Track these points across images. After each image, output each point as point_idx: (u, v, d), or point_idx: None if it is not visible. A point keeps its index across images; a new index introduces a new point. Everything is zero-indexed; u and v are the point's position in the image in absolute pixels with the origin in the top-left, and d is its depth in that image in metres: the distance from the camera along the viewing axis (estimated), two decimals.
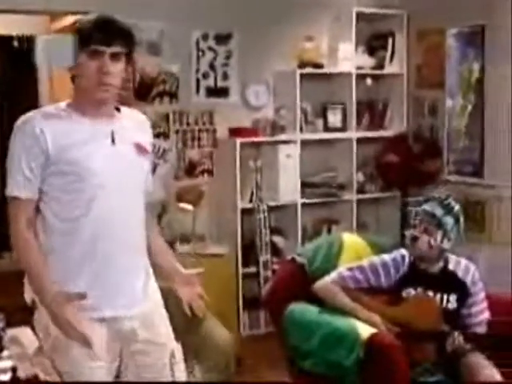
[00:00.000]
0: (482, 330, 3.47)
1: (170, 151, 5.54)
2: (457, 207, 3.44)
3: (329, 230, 5.99)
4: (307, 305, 3.69)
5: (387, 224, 6.13)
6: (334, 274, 3.60)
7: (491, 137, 5.26)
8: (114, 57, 2.43)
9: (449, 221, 3.40)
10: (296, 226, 5.76)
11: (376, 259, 3.58)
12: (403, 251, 3.56)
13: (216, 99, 5.70)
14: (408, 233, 3.48)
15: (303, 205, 5.77)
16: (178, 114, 5.56)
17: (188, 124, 5.60)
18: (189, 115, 5.60)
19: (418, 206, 3.46)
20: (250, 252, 5.59)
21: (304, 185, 5.80)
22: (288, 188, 5.70)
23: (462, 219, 3.45)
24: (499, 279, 4.39)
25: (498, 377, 3.28)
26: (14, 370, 2.63)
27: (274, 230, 5.75)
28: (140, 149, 2.58)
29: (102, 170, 2.45)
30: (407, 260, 3.51)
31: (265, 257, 5.55)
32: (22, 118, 2.46)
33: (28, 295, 2.62)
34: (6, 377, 2.60)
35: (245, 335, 5.45)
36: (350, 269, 3.57)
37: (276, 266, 5.34)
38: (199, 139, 5.64)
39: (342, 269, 3.62)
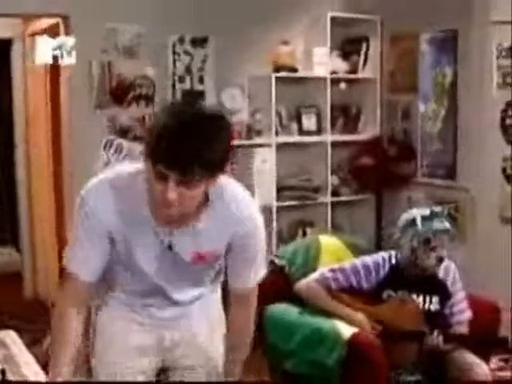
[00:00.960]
0: (463, 329, 3.54)
1: None
2: (446, 212, 3.59)
3: (304, 233, 6.03)
4: (288, 306, 3.74)
5: (361, 226, 6.19)
6: (315, 275, 3.65)
7: (464, 140, 5.35)
8: (186, 183, 1.96)
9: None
10: (271, 229, 5.80)
11: (357, 261, 3.63)
12: (384, 254, 3.63)
13: None
14: (432, 255, 3.48)
15: (278, 208, 5.81)
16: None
17: None
18: None
19: (426, 223, 3.49)
20: None
21: (279, 188, 5.84)
22: (263, 191, 5.73)
23: None
24: (473, 280, 4.46)
25: (488, 372, 3.35)
26: (3, 372, 2.64)
27: None
28: (202, 260, 2.24)
29: (155, 271, 2.24)
30: (388, 263, 3.57)
31: None
32: (89, 187, 2.17)
33: None
34: None
35: None
36: (332, 270, 3.62)
37: None
38: None
39: (324, 269, 3.67)
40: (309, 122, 6.01)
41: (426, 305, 3.51)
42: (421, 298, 3.51)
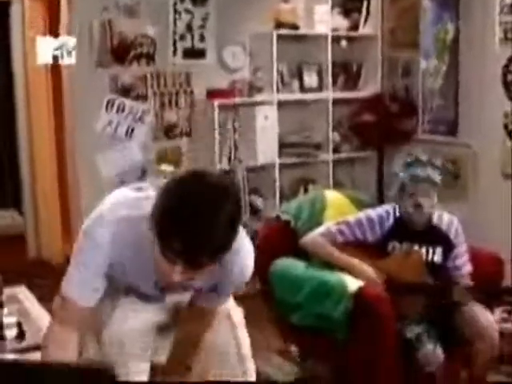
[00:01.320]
0: (466, 282, 3.58)
1: (147, 113, 5.55)
2: (439, 163, 3.56)
3: (305, 190, 6.07)
4: (294, 260, 3.77)
5: (362, 183, 6.22)
6: (321, 229, 3.69)
7: (465, 96, 5.36)
8: (193, 268, 1.92)
9: (439, 178, 3.50)
10: (274, 187, 5.83)
11: (361, 214, 3.66)
12: (388, 207, 3.65)
13: (193, 61, 5.70)
14: (409, 201, 3.49)
15: (280, 165, 5.84)
16: (156, 76, 5.56)
17: (165, 86, 5.61)
18: (166, 77, 5.60)
19: (405, 169, 3.51)
20: None
21: (281, 145, 5.86)
22: (266, 149, 5.75)
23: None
24: (475, 235, 4.50)
25: (494, 323, 3.41)
26: (19, 324, 2.69)
27: (253, 191, 5.82)
28: (196, 289, 2.30)
29: (152, 290, 2.30)
30: (392, 215, 3.60)
31: (244, 217, 5.62)
32: (92, 224, 2.14)
33: None
34: (13, 332, 2.66)
35: None
36: (337, 223, 3.65)
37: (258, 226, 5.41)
38: (177, 101, 5.66)
39: (329, 224, 3.70)
40: (310, 80, 6.01)
41: (430, 256, 3.54)
42: (424, 249, 3.54)
